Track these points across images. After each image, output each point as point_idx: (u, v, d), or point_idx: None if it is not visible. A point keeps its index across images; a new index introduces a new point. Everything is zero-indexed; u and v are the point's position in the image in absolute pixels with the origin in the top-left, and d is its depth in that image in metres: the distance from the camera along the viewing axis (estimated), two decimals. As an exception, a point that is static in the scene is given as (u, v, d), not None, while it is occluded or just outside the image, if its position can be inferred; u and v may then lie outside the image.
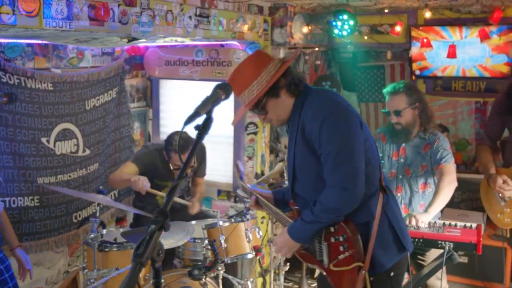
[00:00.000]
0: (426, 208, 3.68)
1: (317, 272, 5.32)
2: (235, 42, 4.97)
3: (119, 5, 3.34)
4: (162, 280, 1.84)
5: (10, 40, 3.87)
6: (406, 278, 4.52)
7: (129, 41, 3.95)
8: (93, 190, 4.70)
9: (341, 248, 2.66)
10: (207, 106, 2.04)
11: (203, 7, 4.23)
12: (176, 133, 4.34)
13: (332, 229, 2.67)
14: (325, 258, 2.70)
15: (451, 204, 4.06)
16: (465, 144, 6.10)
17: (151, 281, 1.78)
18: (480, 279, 4.88)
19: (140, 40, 4.06)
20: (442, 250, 3.57)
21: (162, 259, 1.80)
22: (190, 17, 4.03)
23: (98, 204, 3.77)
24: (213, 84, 5.29)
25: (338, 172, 2.58)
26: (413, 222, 3.56)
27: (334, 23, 5.43)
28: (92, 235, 3.68)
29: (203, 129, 2.00)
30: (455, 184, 3.70)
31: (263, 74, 2.60)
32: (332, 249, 2.69)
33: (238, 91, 2.65)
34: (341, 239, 2.66)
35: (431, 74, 5.90)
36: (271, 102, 2.68)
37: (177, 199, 4.29)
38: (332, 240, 2.68)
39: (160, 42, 4.53)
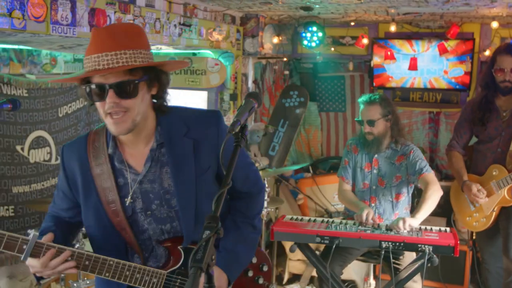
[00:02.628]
0: (414, 214, 3.80)
1: (286, 278, 5.43)
2: (208, 51, 5.00)
3: (115, 12, 3.33)
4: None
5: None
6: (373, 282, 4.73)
7: (116, 48, 3.91)
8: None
9: (257, 280, 2.40)
10: (244, 114, 2.07)
11: (185, 15, 4.26)
12: None
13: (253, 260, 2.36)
14: None
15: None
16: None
17: (204, 286, 1.79)
18: (442, 281, 5.06)
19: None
20: (415, 255, 3.74)
21: (214, 265, 1.83)
22: (175, 25, 4.05)
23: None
24: (186, 93, 5.35)
25: (256, 175, 2.34)
26: (402, 226, 3.64)
27: (303, 35, 5.56)
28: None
29: (241, 136, 2.03)
30: (441, 192, 3.86)
31: (149, 52, 2.01)
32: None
33: (115, 46, 1.86)
34: (265, 268, 2.42)
35: (390, 85, 6.13)
36: (143, 89, 1.97)
37: None
38: (249, 273, 2.37)
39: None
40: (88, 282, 3.69)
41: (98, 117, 4.96)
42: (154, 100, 2.07)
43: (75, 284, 3.64)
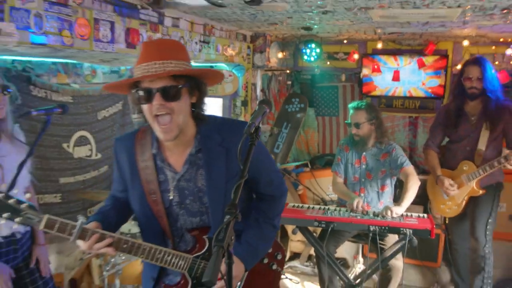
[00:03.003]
0: (400, 202, 3.82)
1: (288, 256, 5.43)
2: (223, 64, 5.01)
3: (146, 31, 3.33)
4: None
5: (39, 59, 3.77)
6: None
7: (147, 61, 3.91)
8: (103, 188, 4.61)
9: (271, 266, 2.34)
10: (258, 118, 2.07)
11: (204, 34, 4.26)
12: None
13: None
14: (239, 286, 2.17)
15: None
16: (401, 151, 6.34)
17: (225, 262, 1.79)
18: (419, 259, 5.06)
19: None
20: (397, 236, 3.79)
21: (233, 244, 1.84)
22: (196, 42, 4.05)
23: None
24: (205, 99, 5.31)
25: (280, 180, 2.30)
26: (389, 213, 3.68)
27: (304, 51, 5.56)
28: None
29: (256, 136, 2.03)
30: (419, 182, 3.90)
31: (189, 65, 1.99)
32: (252, 272, 2.20)
33: (163, 56, 1.88)
34: (279, 256, 2.36)
35: (376, 94, 6.13)
36: (186, 95, 1.94)
37: None
38: (265, 261, 2.32)
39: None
40: (123, 257, 3.69)
41: (131, 119, 4.99)
42: (193, 109, 2.02)
43: (112, 259, 3.64)
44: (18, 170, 2.37)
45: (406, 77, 5.88)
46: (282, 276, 4.87)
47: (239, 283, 2.14)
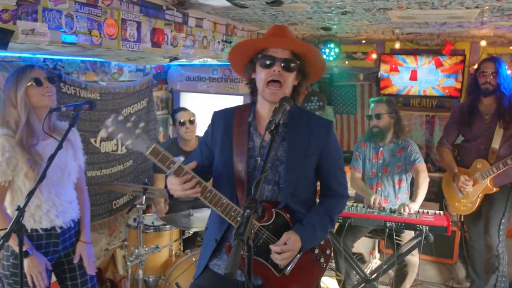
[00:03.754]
0: (414, 199, 3.80)
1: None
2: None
3: (171, 31, 3.36)
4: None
5: (69, 57, 3.83)
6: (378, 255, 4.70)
7: (171, 60, 3.96)
8: (128, 181, 4.68)
9: (318, 259, 2.34)
10: (279, 115, 2.09)
11: (227, 34, 4.28)
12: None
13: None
14: (290, 267, 2.22)
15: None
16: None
17: (245, 254, 1.81)
18: (435, 256, 5.03)
19: (180, 60, 4.07)
20: (413, 233, 3.74)
21: (253, 238, 1.85)
22: (218, 42, 4.07)
23: (144, 193, 3.73)
24: (226, 97, 5.34)
25: (345, 182, 2.39)
26: (407, 210, 3.67)
27: (322, 50, 5.53)
28: (138, 219, 3.67)
29: (276, 133, 2.05)
30: (428, 179, 3.90)
31: None
32: (303, 258, 2.25)
33: (295, 40, 2.23)
34: (327, 251, 2.35)
35: (394, 93, 6.08)
36: (294, 74, 2.19)
37: None
38: (316, 251, 2.33)
39: (195, 62, 4.55)
40: (146, 249, 3.73)
41: (155, 116, 5.05)
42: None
43: (136, 250, 3.68)
44: (48, 163, 2.40)
45: (423, 77, 5.82)
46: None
47: (291, 264, 2.20)
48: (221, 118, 2.33)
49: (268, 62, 2.14)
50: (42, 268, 2.60)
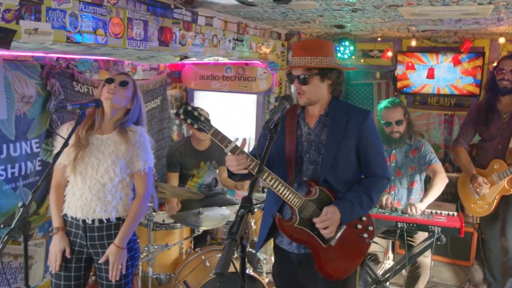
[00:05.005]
0: (422, 199, 3.73)
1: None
2: (258, 61, 5.00)
3: (179, 30, 3.36)
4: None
5: (81, 56, 3.87)
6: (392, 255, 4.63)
7: (181, 59, 3.97)
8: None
9: (362, 235, 2.57)
10: (278, 113, 2.13)
11: (238, 32, 4.26)
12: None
13: (363, 218, 2.59)
14: (335, 239, 2.49)
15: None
16: (436, 148, 6.16)
17: (239, 254, 1.80)
18: (451, 257, 4.94)
19: (190, 58, 4.07)
20: (426, 234, 3.65)
21: (248, 237, 1.84)
22: (229, 40, 4.06)
23: (153, 191, 3.76)
24: (239, 96, 5.34)
25: (384, 164, 2.63)
26: (413, 210, 3.61)
27: (337, 48, 5.48)
28: (148, 217, 3.69)
29: (274, 131, 2.09)
30: (447, 180, 3.79)
31: (328, 58, 2.46)
32: (347, 233, 2.52)
33: (303, 53, 2.46)
34: (370, 228, 2.58)
35: (411, 91, 5.98)
36: (315, 81, 2.48)
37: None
38: (359, 226, 2.56)
39: (205, 60, 4.55)
40: (156, 247, 3.75)
41: (168, 114, 5.08)
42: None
43: (145, 248, 3.70)
44: (53, 161, 2.43)
45: (440, 75, 5.71)
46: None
47: (336, 236, 2.48)
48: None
49: (291, 79, 2.55)
50: (58, 250, 2.67)
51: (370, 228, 2.59)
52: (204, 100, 5.38)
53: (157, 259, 3.86)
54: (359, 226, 2.56)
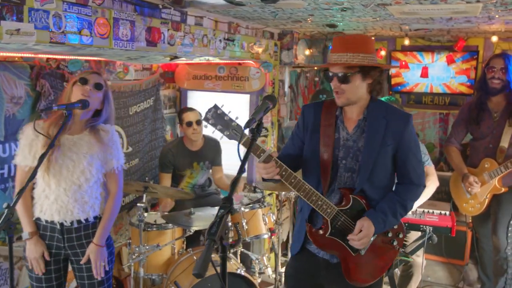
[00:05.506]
0: None
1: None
2: (250, 61, 4.98)
3: (168, 30, 3.35)
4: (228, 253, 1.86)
5: (72, 57, 3.85)
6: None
7: (171, 59, 3.95)
8: (134, 180, 4.69)
9: (392, 242, 2.50)
10: (260, 113, 2.10)
11: (229, 32, 4.25)
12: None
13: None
14: (365, 248, 2.42)
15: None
16: (431, 147, 6.15)
17: (219, 255, 1.79)
18: (445, 256, 4.93)
19: (181, 58, 4.06)
20: (419, 233, 3.65)
21: (228, 238, 1.83)
22: (220, 40, 4.04)
23: (144, 191, 3.75)
24: (232, 96, 5.31)
25: (421, 171, 2.50)
26: None
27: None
28: (139, 217, 3.68)
29: (257, 132, 2.06)
30: (437, 183, 3.79)
31: (370, 55, 2.32)
32: (377, 240, 2.45)
33: (344, 49, 2.30)
34: (400, 235, 2.51)
35: (405, 90, 5.96)
36: (357, 79, 2.32)
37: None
38: (389, 234, 2.48)
39: (196, 60, 4.54)
40: (147, 247, 3.74)
41: (162, 114, 5.06)
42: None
43: (137, 248, 3.70)
44: (39, 162, 2.42)
45: (435, 73, 5.69)
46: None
47: (368, 245, 2.40)
48: (311, 109, 2.54)
49: (329, 77, 2.39)
50: (37, 255, 2.66)
51: (401, 235, 2.52)
52: (196, 100, 5.36)
53: (149, 259, 3.85)
54: (390, 234, 2.49)
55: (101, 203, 2.80)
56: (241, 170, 1.92)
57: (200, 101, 5.34)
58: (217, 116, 2.31)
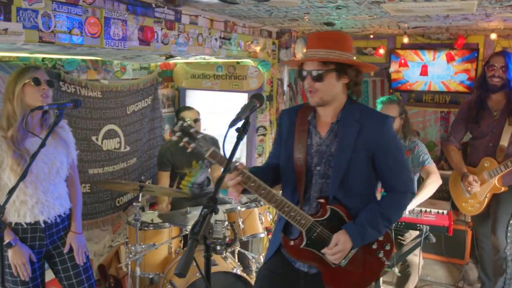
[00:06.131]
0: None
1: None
2: (249, 60, 4.97)
3: (161, 29, 3.34)
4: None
5: (68, 56, 3.86)
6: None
7: (167, 58, 3.95)
8: (132, 180, 4.70)
9: (378, 254, 2.37)
10: (246, 112, 2.06)
11: (225, 31, 4.24)
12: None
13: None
14: (345, 259, 2.30)
15: None
16: (432, 146, 6.11)
17: (203, 255, 1.78)
18: (445, 256, 4.89)
19: (176, 57, 4.05)
20: (418, 232, 3.61)
21: (212, 237, 1.82)
22: (216, 39, 4.04)
23: (140, 190, 3.75)
24: (230, 94, 5.30)
25: (406, 177, 2.36)
26: None
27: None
28: (135, 217, 3.68)
29: (243, 131, 2.03)
30: (440, 182, 3.73)
31: (347, 54, 2.21)
32: (360, 252, 2.33)
33: (319, 45, 2.19)
34: (387, 247, 2.38)
35: (406, 88, 5.93)
36: (331, 78, 2.21)
37: None
38: (374, 246, 2.35)
39: (191, 59, 4.53)
40: (143, 246, 3.74)
41: (160, 113, 5.06)
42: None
43: (133, 248, 3.70)
44: (30, 161, 2.42)
45: (434, 72, 5.65)
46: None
47: (348, 256, 2.29)
48: (286, 116, 2.47)
49: (302, 76, 2.29)
50: (25, 259, 2.67)
51: (387, 247, 2.38)
52: (196, 99, 5.36)
53: (146, 258, 3.85)
54: (375, 246, 2.35)
55: (68, 194, 2.89)
56: (226, 169, 1.91)
57: (198, 100, 5.34)
58: (184, 129, 2.24)
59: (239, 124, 2.02)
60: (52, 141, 2.71)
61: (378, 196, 2.69)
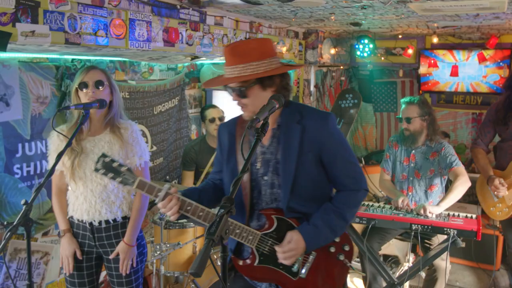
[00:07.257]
0: (439, 202, 3.61)
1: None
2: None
3: (186, 30, 3.37)
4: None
5: (97, 57, 3.94)
6: (412, 258, 4.52)
7: (192, 59, 3.98)
8: (158, 179, 4.76)
9: (338, 257, 2.26)
10: (264, 113, 2.04)
11: (251, 31, 4.24)
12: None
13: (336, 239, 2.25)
14: (304, 271, 2.19)
15: None
16: (463, 148, 5.98)
17: (219, 255, 1.78)
18: (475, 261, 4.78)
19: (201, 58, 4.08)
20: (445, 236, 3.53)
21: (228, 238, 1.82)
22: (241, 40, 4.04)
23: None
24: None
25: (356, 174, 2.25)
26: (422, 212, 3.50)
27: (356, 46, 5.38)
28: (160, 216, 3.73)
29: (261, 132, 2.00)
30: (469, 184, 3.64)
31: (266, 61, 2.10)
32: (319, 259, 2.22)
33: (235, 61, 2.09)
34: (346, 248, 2.26)
35: (436, 89, 5.81)
36: (256, 91, 2.13)
37: None
38: (331, 249, 2.25)
39: (216, 60, 4.55)
40: (168, 245, 3.78)
41: (187, 114, 5.10)
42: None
43: (158, 246, 3.74)
44: (56, 160, 2.47)
45: (465, 72, 5.52)
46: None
47: (306, 266, 2.19)
48: (225, 129, 2.37)
49: (229, 92, 2.20)
50: (69, 253, 2.73)
51: (347, 247, 2.26)
52: (221, 100, 5.38)
53: (171, 257, 3.89)
54: (333, 249, 2.23)
55: (128, 202, 2.81)
56: (244, 170, 1.90)
57: (226, 101, 5.34)
58: (106, 165, 2.17)
59: (258, 125, 2.01)
60: (109, 141, 2.72)
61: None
